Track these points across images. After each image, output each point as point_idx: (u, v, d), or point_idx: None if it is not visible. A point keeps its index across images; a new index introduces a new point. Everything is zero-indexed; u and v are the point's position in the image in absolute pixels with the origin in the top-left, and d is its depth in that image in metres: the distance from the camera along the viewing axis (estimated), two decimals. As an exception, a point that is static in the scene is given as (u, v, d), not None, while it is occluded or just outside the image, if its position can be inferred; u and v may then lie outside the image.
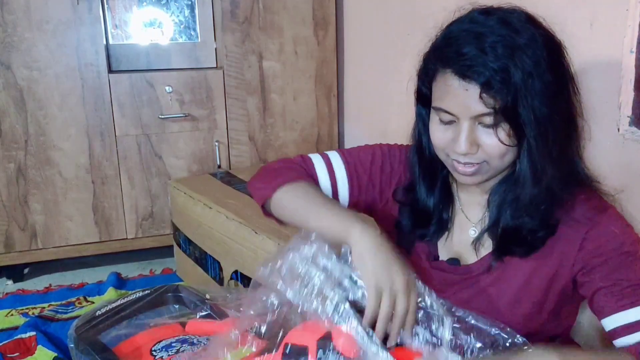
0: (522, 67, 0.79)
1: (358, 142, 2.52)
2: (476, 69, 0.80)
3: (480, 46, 0.80)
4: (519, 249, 0.91)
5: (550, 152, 0.84)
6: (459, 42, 0.83)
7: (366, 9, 2.32)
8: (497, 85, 0.79)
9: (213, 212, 1.91)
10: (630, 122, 1.10)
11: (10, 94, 2.12)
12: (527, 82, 0.80)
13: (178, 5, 2.29)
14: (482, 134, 0.84)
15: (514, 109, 0.80)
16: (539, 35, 0.82)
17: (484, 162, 0.86)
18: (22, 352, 1.79)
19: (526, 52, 0.80)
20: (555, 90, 0.82)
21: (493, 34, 0.81)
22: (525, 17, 0.84)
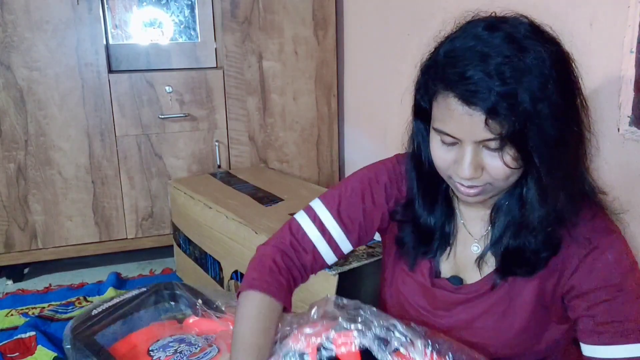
0: (530, 91, 0.75)
1: (358, 142, 2.54)
2: (481, 95, 0.75)
3: (485, 69, 0.76)
4: (522, 269, 0.89)
5: (560, 175, 0.81)
6: (462, 62, 0.78)
7: (366, 9, 2.32)
8: (504, 112, 0.75)
9: (213, 212, 1.91)
10: (630, 122, 1.10)
11: (10, 94, 2.12)
12: (535, 106, 0.76)
13: (178, 5, 2.29)
14: (487, 157, 0.81)
15: (521, 134, 0.77)
16: (546, 52, 0.78)
17: (487, 184, 0.84)
18: (22, 352, 1.79)
19: (533, 73, 0.76)
20: (565, 111, 0.79)
21: (499, 55, 0.76)
22: (531, 30, 0.81)
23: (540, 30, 0.82)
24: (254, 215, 1.83)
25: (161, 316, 1.25)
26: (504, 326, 0.92)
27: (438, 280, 0.97)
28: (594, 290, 0.86)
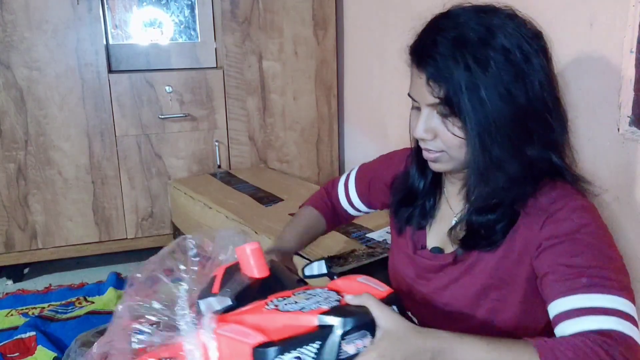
0: (466, 63, 0.82)
1: (358, 142, 2.54)
2: (426, 59, 0.85)
3: (434, 38, 0.85)
4: (482, 241, 0.91)
5: (497, 152, 0.84)
6: (423, 32, 0.88)
7: (366, 9, 2.32)
8: (441, 76, 0.83)
9: (213, 212, 1.91)
10: (630, 122, 1.10)
11: (10, 94, 2.12)
12: (472, 76, 0.82)
13: (178, 5, 2.29)
14: (439, 124, 0.88)
15: (457, 103, 0.83)
16: (506, 35, 0.83)
17: (443, 152, 0.90)
18: (22, 352, 1.79)
19: (478, 49, 0.82)
20: (507, 87, 0.82)
21: (453, 28, 0.84)
22: (506, 15, 0.86)
23: (516, 18, 0.87)
24: (254, 215, 1.83)
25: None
26: (466, 296, 0.94)
27: (421, 250, 1.03)
28: (555, 245, 0.84)
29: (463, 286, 0.95)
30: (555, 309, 0.81)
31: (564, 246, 0.83)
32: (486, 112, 0.83)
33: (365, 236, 1.63)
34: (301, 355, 0.69)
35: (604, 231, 0.87)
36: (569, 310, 0.79)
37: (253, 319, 0.75)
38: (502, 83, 0.82)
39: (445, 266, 0.98)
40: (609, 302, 0.78)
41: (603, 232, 0.87)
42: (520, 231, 0.89)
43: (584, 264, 0.81)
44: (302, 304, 0.76)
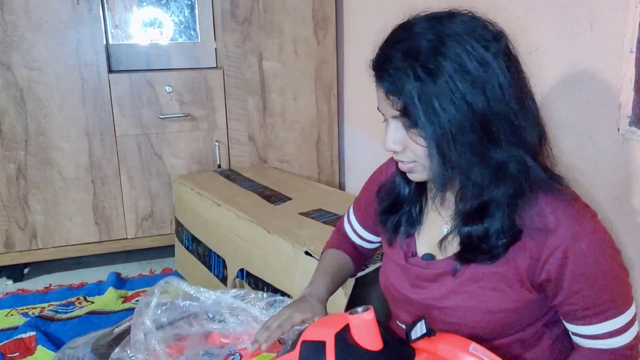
0: (416, 74, 0.81)
1: (358, 142, 2.54)
2: (382, 73, 0.85)
3: (390, 51, 0.85)
4: (479, 257, 0.90)
5: (457, 158, 0.84)
6: (381, 45, 0.88)
7: (366, 9, 2.32)
8: (396, 89, 0.83)
9: (222, 209, 1.90)
10: (630, 122, 1.10)
11: (10, 94, 2.12)
12: (422, 88, 0.81)
13: (178, 5, 2.29)
14: (405, 135, 0.88)
15: (412, 114, 0.83)
16: (460, 41, 0.82)
17: (415, 162, 0.90)
18: (22, 352, 1.79)
19: (428, 59, 0.81)
20: (464, 95, 0.81)
21: (406, 40, 0.84)
22: (462, 21, 0.84)
23: (475, 23, 0.85)
24: (265, 214, 1.82)
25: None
26: (471, 309, 0.93)
27: (412, 258, 1.02)
28: (569, 280, 0.87)
29: (465, 300, 0.94)
30: (575, 329, 0.92)
31: (578, 285, 0.87)
32: (441, 122, 0.82)
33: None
34: None
35: (610, 253, 0.89)
36: (587, 335, 0.91)
37: None
38: (456, 91, 0.81)
39: (441, 275, 0.96)
40: (621, 323, 0.89)
41: (611, 255, 0.89)
42: (522, 249, 0.88)
43: (599, 301, 0.88)
44: None
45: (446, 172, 0.86)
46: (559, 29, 1.26)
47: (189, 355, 1.06)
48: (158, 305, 1.10)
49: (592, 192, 1.19)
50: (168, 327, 1.10)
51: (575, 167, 1.21)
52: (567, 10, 1.23)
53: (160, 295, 1.12)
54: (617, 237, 1.14)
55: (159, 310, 1.11)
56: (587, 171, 1.20)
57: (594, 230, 0.87)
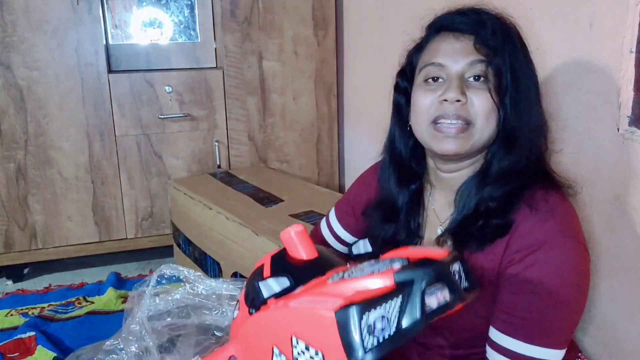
0: (511, 38, 0.90)
1: (358, 142, 2.54)
2: (471, 26, 0.90)
3: (472, 15, 0.92)
4: (473, 242, 0.90)
5: (526, 121, 0.90)
6: (454, 13, 0.94)
7: (366, 9, 2.32)
8: (492, 41, 0.88)
9: (213, 212, 1.91)
10: (630, 122, 1.10)
11: (10, 94, 2.12)
12: (511, 47, 0.89)
13: (178, 5, 2.29)
14: (471, 92, 0.89)
15: (499, 67, 0.88)
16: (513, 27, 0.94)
17: (470, 124, 0.89)
18: (22, 352, 1.79)
19: (514, 30, 0.92)
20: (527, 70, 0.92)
21: (488, 13, 0.93)
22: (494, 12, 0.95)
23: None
24: (254, 216, 1.83)
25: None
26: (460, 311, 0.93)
27: None
28: (519, 282, 0.85)
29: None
30: (495, 337, 0.87)
31: (527, 289, 0.85)
32: (519, 77, 0.89)
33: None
34: (385, 313, 0.64)
35: (573, 283, 0.86)
36: (506, 349, 0.85)
37: (320, 292, 0.69)
38: (529, 64, 0.93)
39: None
40: (540, 355, 0.84)
41: (572, 285, 0.86)
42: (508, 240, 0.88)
43: (532, 318, 0.84)
44: (369, 270, 0.70)
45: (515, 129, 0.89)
46: (558, 29, 1.26)
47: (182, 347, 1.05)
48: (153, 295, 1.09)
49: (592, 192, 1.19)
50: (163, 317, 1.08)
51: (575, 167, 1.21)
52: (566, 10, 1.23)
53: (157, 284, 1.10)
54: (617, 237, 1.14)
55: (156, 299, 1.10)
56: (587, 171, 1.20)
57: (568, 249, 0.86)
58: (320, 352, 0.64)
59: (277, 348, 0.69)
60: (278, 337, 0.69)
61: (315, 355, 0.64)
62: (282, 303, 0.70)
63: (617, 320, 1.18)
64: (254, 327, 0.74)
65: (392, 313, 0.64)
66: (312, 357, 0.65)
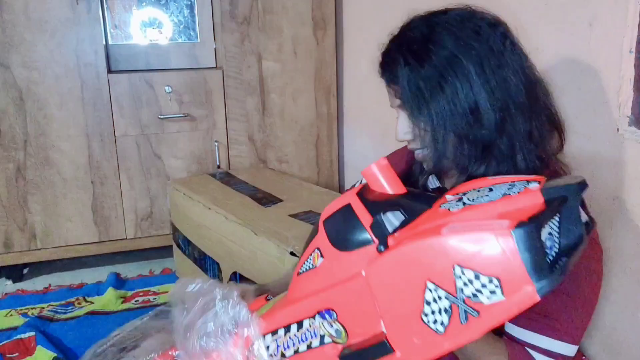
0: (405, 60, 0.87)
1: (357, 142, 2.54)
2: (383, 66, 0.94)
3: (389, 45, 0.93)
4: None
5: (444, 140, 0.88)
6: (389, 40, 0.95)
7: (366, 9, 2.32)
8: (393, 78, 0.90)
9: (212, 212, 1.91)
10: (630, 122, 1.10)
11: (10, 94, 2.12)
12: (410, 72, 0.87)
13: (177, 5, 2.29)
14: (411, 123, 0.91)
15: (405, 99, 0.89)
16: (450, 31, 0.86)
17: (425, 149, 0.92)
18: (22, 352, 1.79)
19: (418, 45, 0.87)
20: (451, 79, 0.85)
21: (402, 34, 0.92)
22: (456, 13, 0.89)
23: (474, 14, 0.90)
24: (254, 216, 1.82)
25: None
26: None
27: None
28: None
29: None
30: (512, 331, 0.87)
31: None
32: (429, 105, 0.86)
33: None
34: (551, 230, 0.60)
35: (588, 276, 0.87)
36: (519, 339, 0.86)
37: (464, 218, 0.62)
38: (442, 75, 0.85)
39: None
40: (552, 347, 0.84)
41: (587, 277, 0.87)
42: None
43: (548, 308, 0.85)
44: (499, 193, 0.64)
45: (439, 154, 0.89)
46: (558, 29, 1.26)
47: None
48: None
49: (592, 192, 1.19)
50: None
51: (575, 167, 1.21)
52: (566, 10, 1.23)
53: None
54: (616, 237, 1.14)
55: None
56: (586, 171, 1.20)
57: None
58: (495, 279, 0.57)
59: (432, 282, 0.61)
60: (433, 271, 0.61)
61: (488, 282, 0.58)
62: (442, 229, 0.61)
63: (617, 320, 1.18)
64: (395, 266, 0.64)
65: (554, 230, 0.61)
66: (484, 285, 0.58)
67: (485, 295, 0.58)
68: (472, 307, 0.59)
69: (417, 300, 0.62)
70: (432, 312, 0.62)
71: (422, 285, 0.62)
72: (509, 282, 0.57)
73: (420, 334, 0.63)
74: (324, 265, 0.74)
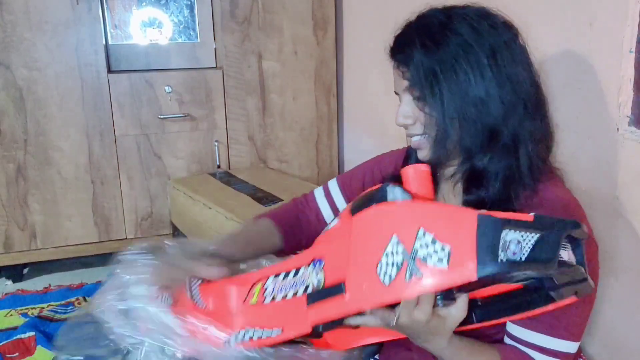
0: (422, 43, 0.88)
1: (357, 142, 2.53)
2: (394, 48, 0.94)
3: (404, 31, 0.94)
4: None
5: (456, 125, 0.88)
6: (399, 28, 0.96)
7: (366, 9, 2.32)
8: (406, 60, 0.90)
9: (212, 212, 1.91)
10: (630, 122, 1.10)
11: (10, 94, 2.12)
12: (426, 55, 0.87)
13: (177, 5, 2.29)
14: (414, 107, 0.92)
15: (419, 81, 0.89)
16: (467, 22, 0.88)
17: (425, 136, 0.92)
18: (22, 352, 1.79)
19: (435, 31, 0.88)
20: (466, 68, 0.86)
21: (418, 20, 0.93)
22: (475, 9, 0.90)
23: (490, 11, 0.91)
24: (253, 215, 1.82)
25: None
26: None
27: None
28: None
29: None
30: (514, 331, 0.89)
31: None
32: (442, 90, 0.87)
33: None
34: (521, 240, 0.65)
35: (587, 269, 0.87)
36: (521, 339, 0.88)
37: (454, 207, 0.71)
38: (458, 62, 0.86)
39: None
40: (553, 345, 0.86)
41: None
42: None
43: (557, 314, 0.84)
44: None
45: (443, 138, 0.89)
46: (558, 29, 1.26)
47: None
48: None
49: (592, 192, 1.19)
50: None
51: (575, 167, 1.21)
52: (566, 10, 1.23)
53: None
54: (617, 238, 1.14)
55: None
56: (586, 171, 1.20)
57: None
58: (447, 247, 0.64)
59: (397, 236, 0.68)
60: (401, 227, 0.68)
61: (440, 250, 0.65)
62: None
63: (616, 320, 1.18)
64: (374, 217, 0.72)
65: (527, 243, 0.65)
66: (435, 251, 0.65)
67: (433, 260, 0.65)
68: (418, 268, 0.65)
69: (379, 250, 0.68)
70: (386, 264, 0.68)
71: (388, 238, 0.68)
72: (457, 254, 0.64)
73: (369, 281, 0.69)
74: (337, 225, 0.82)
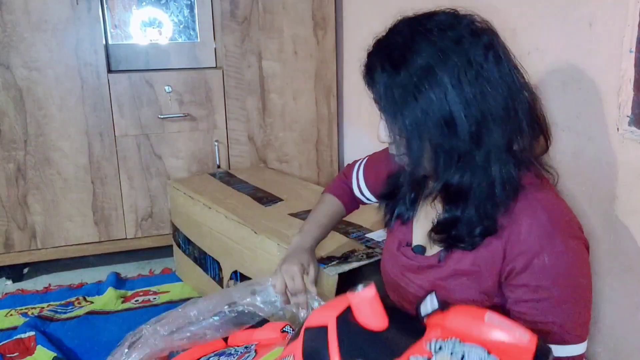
0: (382, 65, 0.87)
1: (357, 142, 2.53)
2: (364, 69, 0.92)
3: (372, 49, 0.92)
4: (461, 243, 0.92)
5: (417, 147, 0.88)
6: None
7: (366, 9, 2.32)
8: (369, 82, 0.90)
9: (212, 212, 1.91)
10: (630, 122, 1.10)
11: (10, 94, 2.12)
12: (387, 79, 0.86)
13: (177, 5, 2.29)
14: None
15: (381, 104, 0.89)
16: (430, 39, 0.84)
17: (403, 155, 0.92)
18: (22, 352, 1.79)
19: (397, 52, 0.86)
20: (425, 88, 0.84)
21: (385, 39, 0.91)
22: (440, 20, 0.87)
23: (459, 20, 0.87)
24: (254, 215, 1.83)
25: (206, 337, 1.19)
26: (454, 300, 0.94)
27: (404, 247, 1.05)
28: (522, 288, 0.88)
29: (448, 292, 0.95)
30: None
31: (530, 294, 0.87)
32: (403, 113, 0.86)
33: (365, 236, 1.63)
34: None
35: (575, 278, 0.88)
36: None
37: None
38: (416, 84, 0.84)
39: (424, 269, 0.99)
40: (562, 352, 0.87)
41: (574, 280, 0.88)
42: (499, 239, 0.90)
43: (545, 319, 0.86)
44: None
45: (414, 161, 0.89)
46: (558, 29, 1.26)
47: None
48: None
49: (592, 192, 1.19)
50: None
51: (575, 167, 1.21)
52: (566, 10, 1.23)
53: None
54: (617, 238, 1.14)
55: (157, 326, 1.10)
56: (587, 171, 1.20)
57: (564, 250, 0.87)
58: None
59: None
60: None
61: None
62: None
63: (617, 320, 1.18)
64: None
65: None
66: None
67: None
68: None
69: None
70: None
71: None
72: None
73: None
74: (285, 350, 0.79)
